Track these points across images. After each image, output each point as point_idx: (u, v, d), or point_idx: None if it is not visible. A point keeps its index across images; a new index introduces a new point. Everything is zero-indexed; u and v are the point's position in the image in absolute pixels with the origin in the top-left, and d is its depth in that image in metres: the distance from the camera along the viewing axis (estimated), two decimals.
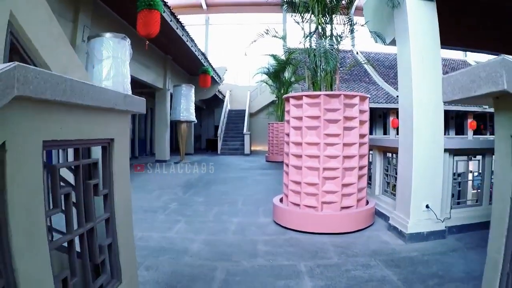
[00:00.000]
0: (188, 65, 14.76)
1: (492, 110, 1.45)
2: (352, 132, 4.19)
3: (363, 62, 20.10)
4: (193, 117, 13.41)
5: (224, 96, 22.21)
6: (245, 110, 21.11)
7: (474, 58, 26.55)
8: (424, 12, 3.91)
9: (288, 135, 4.47)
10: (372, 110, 18.81)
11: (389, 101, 17.76)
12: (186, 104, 13.04)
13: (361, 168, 4.34)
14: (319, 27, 4.81)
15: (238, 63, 26.29)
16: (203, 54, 13.45)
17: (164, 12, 7.77)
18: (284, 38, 6.93)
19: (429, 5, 3.91)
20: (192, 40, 11.52)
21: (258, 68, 15.18)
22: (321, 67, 4.60)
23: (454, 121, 19.95)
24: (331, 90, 4.66)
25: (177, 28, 9.49)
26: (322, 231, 4.09)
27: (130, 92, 6.84)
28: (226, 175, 9.61)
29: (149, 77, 11.89)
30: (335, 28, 4.91)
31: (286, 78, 14.32)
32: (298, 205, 4.34)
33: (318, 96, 4.10)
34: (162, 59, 13.07)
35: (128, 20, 8.39)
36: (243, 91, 23.25)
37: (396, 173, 4.64)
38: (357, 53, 23.24)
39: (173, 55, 13.23)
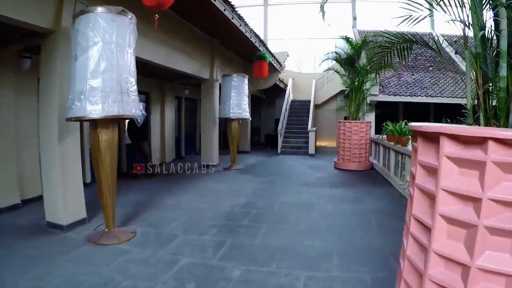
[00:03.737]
0: (241, 49, 12.31)
1: None
2: None
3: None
4: (246, 114, 10.99)
5: (286, 85, 19.52)
6: (309, 101, 18.32)
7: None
8: None
9: (428, 231, 1.81)
10: (457, 105, 15.35)
11: None
12: (237, 98, 10.66)
13: None
14: None
15: (302, 47, 23.49)
16: (257, 36, 10.91)
17: None
18: None
19: None
20: (241, 18, 9.02)
21: (326, 53, 12.28)
22: None
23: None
24: None
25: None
26: None
27: (135, 95, 4.56)
28: (284, 199, 7.08)
29: (192, 67, 9.65)
30: None
31: (362, 65, 11.34)
32: None
33: None
34: (208, 43, 10.74)
35: None
36: (307, 79, 20.36)
37: None
38: (437, 36, 19.40)
39: (221, 38, 10.84)
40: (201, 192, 7.66)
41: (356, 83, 11.39)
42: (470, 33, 2.32)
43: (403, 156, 7.63)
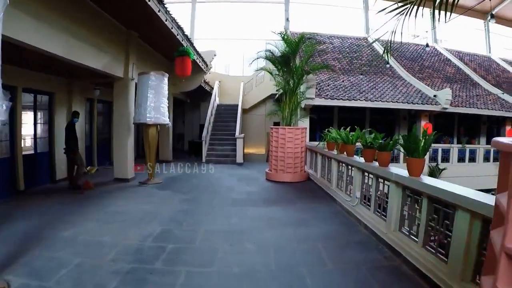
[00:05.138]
0: (163, 44, 10.83)
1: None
2: None
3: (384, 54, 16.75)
4: (165, 119, 9.52)
5: (212, 88, 18.15)
6: (237, 106, 17.18)
7: (499, 54, 25.45)
8: None
9: None
10: (394, 111, 15.47)
11: (425, 101, 14.15)
12: (155, 100, 9.17)
13: None
14: None
15: (231, 48, 22.41)
16: (180, 28, 9.48)
17: None
18: None
19: None
20: (161, 2, 7.57)
21: (258, 51, 11.18)
22: None
23: (407, 122, 16.13)
24: None
25: None
26: None
27: None
28: (210, 225, 5.74)
29: (102, 62, 8.05)
30: None
31: (298, 65, 10.41)
32: None
33: None
34: (123, 35, 9.16)
35: None
36: (235, 82, 19.21)
37: None
38: (373, 41, 19.57)
39: (139, 29, 9.32)
40: (107, 217, 6.09)
41: (291, 84, 10.41)
42: None
43: (350, 167, 6.73)
